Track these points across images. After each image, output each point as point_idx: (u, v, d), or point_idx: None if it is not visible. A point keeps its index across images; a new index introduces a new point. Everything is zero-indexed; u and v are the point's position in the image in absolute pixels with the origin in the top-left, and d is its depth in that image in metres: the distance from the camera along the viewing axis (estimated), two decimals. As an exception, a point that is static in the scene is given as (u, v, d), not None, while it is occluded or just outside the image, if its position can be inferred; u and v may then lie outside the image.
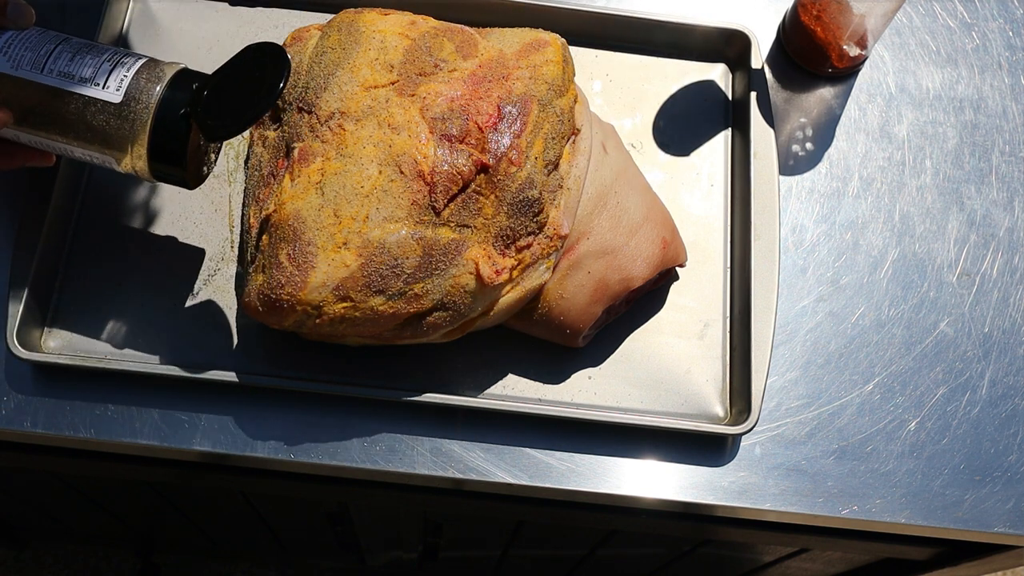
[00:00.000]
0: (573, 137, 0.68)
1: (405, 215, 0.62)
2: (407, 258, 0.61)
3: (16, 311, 0.68)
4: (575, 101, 0.68)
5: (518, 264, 0.64)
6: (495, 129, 0.63)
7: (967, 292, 0.76)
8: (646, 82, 0.81)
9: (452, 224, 0.62)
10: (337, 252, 0.61)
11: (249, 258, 0.67)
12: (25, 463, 0.81)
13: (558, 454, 0.70)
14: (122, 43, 0.79)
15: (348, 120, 0.64)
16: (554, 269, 0.67)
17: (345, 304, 0.62)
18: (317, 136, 0.64)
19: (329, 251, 0.61)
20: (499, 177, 0.63)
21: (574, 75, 0.69)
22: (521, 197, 0.63)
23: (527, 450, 0.70)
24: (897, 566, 0.95)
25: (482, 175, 0.62)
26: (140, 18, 0.79)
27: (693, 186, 0.78)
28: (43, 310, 0.71)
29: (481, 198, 0.63)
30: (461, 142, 0.63)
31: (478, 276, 0.63)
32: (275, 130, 0.67)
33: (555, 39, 0.68)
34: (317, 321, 0.62)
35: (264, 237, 0.64)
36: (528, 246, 0.64)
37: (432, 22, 0.68)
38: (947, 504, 0.70)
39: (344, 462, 0.69)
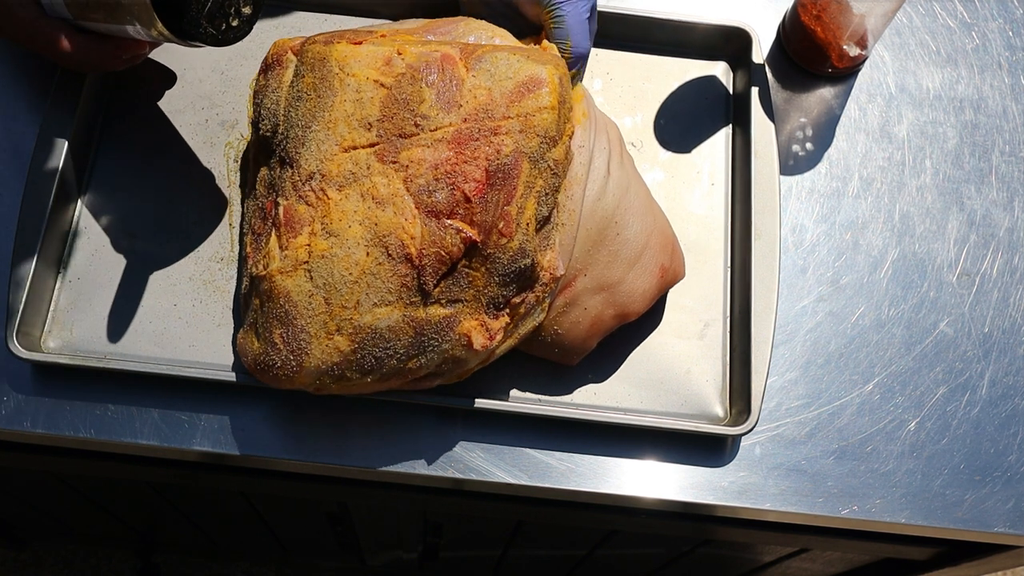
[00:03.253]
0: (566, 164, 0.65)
1: (395, 298, 0.61)
2: (399, 340, 0.61)
3: (16, 311, 0.68)
4: (571, 138, 0.65)
5: (512, 319, 0.64)
6: (483, 198, 0.60)
7: (967, 292, 0.76)
8: (647, 80, 0.81)
9: (443, 300, 0.61)
10: (330, 339, 0.61)
11: (243, 290, 0.67)
12: (25, 463, 0.81)
13: (558, 454, 0.70)
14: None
15: (330, 186, 0.62)
16: (549, 306, 0.66)
17: (341, 382, 0.63)
18: (301, 197, 0.62)
19: (322, 339, 0.61)
20: (489, 251, 0.61)
21: (571, 109, 0.65)
22: (513, 268, 0.62)
23: (527, 450, 0.70)
24: (897, 566, 0.95)
25: (472, 250, 0.61)
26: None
27: (694, 185, 0.78)
28: (43, 310, 0.71)
29: (471, 272, 0.61)
30: (449, 216, 0.60)
31: (471, 347, 0.62)
32: (265, 157, 0.67)
33: (552, 76, 0.62)
34: (314, 392, 0.64)
35: (255, 299, 0.64)
36: (522, 301, 0.64)
37: (409, 55, 0.63)
38: (947, 504, 0.70)
39: (344, 462, 0.69)
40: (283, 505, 1.06)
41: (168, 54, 0.78)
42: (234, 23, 0.61)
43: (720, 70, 0.81)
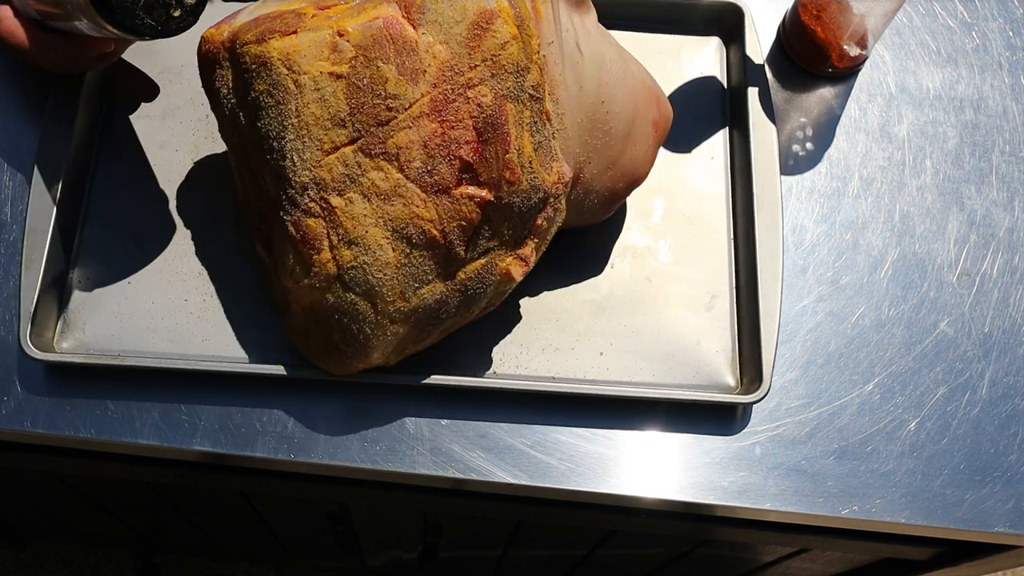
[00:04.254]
0: (542, 65, 0.62)
1: (434, 276, 0.62)
2: (449, 303, 0.63)
3: (28, 313, 0.68)
4: (539, 48, 0.61)
5: (538, 236, 0.65)
6: (482, 158, 0.60)
7: (967, 292, 0.76)
8: (641, 59, 0.80)
9: (476, 255, 0.63)
10: (386, 330, 0.63)
11: (273, 291, 0.68)
12: (26, 463, 0.81)
13: (559, 454, 0.70)
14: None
15: (330, 193, 0.60)
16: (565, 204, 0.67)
17: (406, 351, 0.66)
18: (305, 211, 0.60)
19: (379, 334, 0.63)
20: (505, 201, 0.61)
21: (530, 21, 0.60)
22: (528, 205, 0.62)
23: (527, 450, 0.70)
24: (897, 566, 0.95)
25: (487, 207, 0.61)
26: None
27: (693, 159, 0.78)
28: (55, 312, 0.71)
29: (494, 223, 0.62)
30: (456, 187, 0.60)
31: (511, 279, 0.64)
32: (247, 171, 0.66)
33: (501, 3, 0.59)
34: (386, 364, 0.67)
35: (299, 313, 0.65)
36: (543, 219, 0.64)
37: (352, 34, 0.58)
38: (947, 504, 0.70)
39: (344, 462, 0.69)
40: (283, 505, 1.07)
41: (169, 52, 0.79)
42: (176, 13, 0.59)
43: (714, 46, 0.82)
